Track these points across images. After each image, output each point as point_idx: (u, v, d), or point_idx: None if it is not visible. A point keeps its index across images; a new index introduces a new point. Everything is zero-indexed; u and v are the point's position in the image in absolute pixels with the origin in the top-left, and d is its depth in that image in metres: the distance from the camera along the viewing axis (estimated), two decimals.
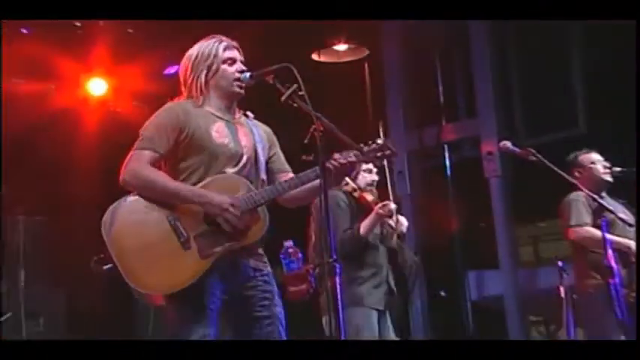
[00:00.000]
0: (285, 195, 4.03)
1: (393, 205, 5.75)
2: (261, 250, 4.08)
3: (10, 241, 7.40)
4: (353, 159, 3.93)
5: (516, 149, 5.53)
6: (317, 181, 3.82)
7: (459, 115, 9.49)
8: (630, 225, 5.80)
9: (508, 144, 5.60)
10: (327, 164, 3.80)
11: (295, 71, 3.78)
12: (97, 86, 8.81)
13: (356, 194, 5.71)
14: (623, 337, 5.46)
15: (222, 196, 3.80)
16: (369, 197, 5.74)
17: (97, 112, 8.83)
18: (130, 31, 8.40)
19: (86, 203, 7.49)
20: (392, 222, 5.79)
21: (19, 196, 7.36)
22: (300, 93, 3.76)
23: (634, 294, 5.70)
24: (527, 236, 9.58)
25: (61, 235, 8.04)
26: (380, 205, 5.64)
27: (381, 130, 6.16)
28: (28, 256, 7.38)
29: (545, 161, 5.41)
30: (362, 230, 5.59)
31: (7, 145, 7.76)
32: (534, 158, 5.40)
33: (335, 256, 3.68)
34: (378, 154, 3.96)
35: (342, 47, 8.84)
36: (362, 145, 3.90)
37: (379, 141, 3.97)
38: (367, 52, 9.09)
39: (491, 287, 9.15)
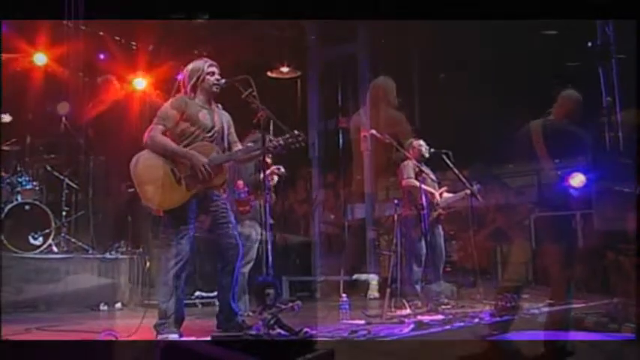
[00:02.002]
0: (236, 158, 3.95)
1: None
2: (223, 188, 3.97)
3: (85, 169, 7.45)
4: (282, 143, 3.77)
5: (378, 135, 5.47)
6: (257, 152, 3.77)
7: (349, 112, 9.39)
8: (433, 180, 5.88)
9: (374, 131, 5.59)
10: (268, 144, 3.72)
11: (252, 81, 3.72)
12: (139, 83, 8.51)
13: None
14: (423, 244, 5.51)
15: (201, 156, 3.72)
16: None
17: (139, 99, 8.51)
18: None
19: (125, 151, 7.37)
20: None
21: (91, 145, 7.40)
22: (253, 94, 3.70)
23: (435, 214, 5.78)
24: (383, 185, 9.39)
25: (111, 167, 7.89)
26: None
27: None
28: (94, 177, 7.41)
29: (394, 143, 5.43)
30: None
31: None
32: (388, 141, 5.43)
33: (268, 192, 3.83)
34: (294, 140, 3.75)
35: (285, 69, 8.83)
36: (287, 135, 3.74)
37: (296, 132, 3.79)
38: (299, 73, 9.06)
39: (359, 213, 9.25)
